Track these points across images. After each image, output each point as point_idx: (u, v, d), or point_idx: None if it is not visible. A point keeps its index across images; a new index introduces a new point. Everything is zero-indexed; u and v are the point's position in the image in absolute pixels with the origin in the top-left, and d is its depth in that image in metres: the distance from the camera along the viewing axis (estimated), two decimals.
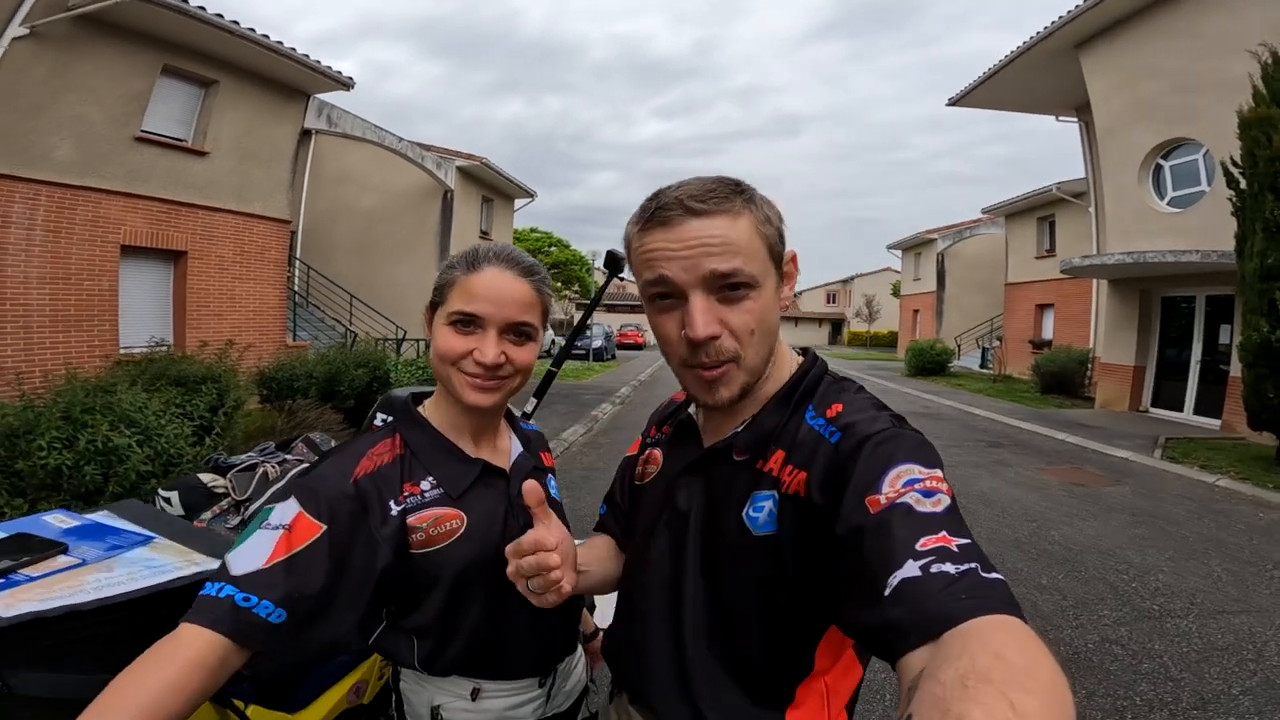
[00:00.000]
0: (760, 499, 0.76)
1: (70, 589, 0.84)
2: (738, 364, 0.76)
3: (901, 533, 0.56)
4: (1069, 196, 15.77)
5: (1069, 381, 14.20)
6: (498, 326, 0.90)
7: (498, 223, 19.56)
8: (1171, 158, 10.84)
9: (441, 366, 0.92)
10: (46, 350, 7.20)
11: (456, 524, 0.91)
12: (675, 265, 0.73)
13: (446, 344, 0.90)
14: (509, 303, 0.91)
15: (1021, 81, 13.39)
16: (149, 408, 4.25)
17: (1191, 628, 3.45)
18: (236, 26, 8.35)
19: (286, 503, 0.79)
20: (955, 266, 25.13)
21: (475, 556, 0.92)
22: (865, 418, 0.73)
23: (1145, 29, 10.58)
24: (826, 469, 0.70)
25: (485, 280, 0.90)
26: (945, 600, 0.49)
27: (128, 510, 1.17)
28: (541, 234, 29.52)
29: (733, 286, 0.74)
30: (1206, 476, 7.12)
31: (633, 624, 0.88)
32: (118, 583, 0.88)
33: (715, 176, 0.78)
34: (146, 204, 8.34)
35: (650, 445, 1.01)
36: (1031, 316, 18.72)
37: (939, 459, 0.67)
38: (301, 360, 8.47)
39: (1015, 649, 0.42)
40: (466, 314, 0.89)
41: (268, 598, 0.71)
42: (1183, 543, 4.90)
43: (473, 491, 0.94)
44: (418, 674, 0.98)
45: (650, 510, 0.92)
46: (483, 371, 0.90)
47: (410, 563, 0.89)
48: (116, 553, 0.97)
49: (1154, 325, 12.01)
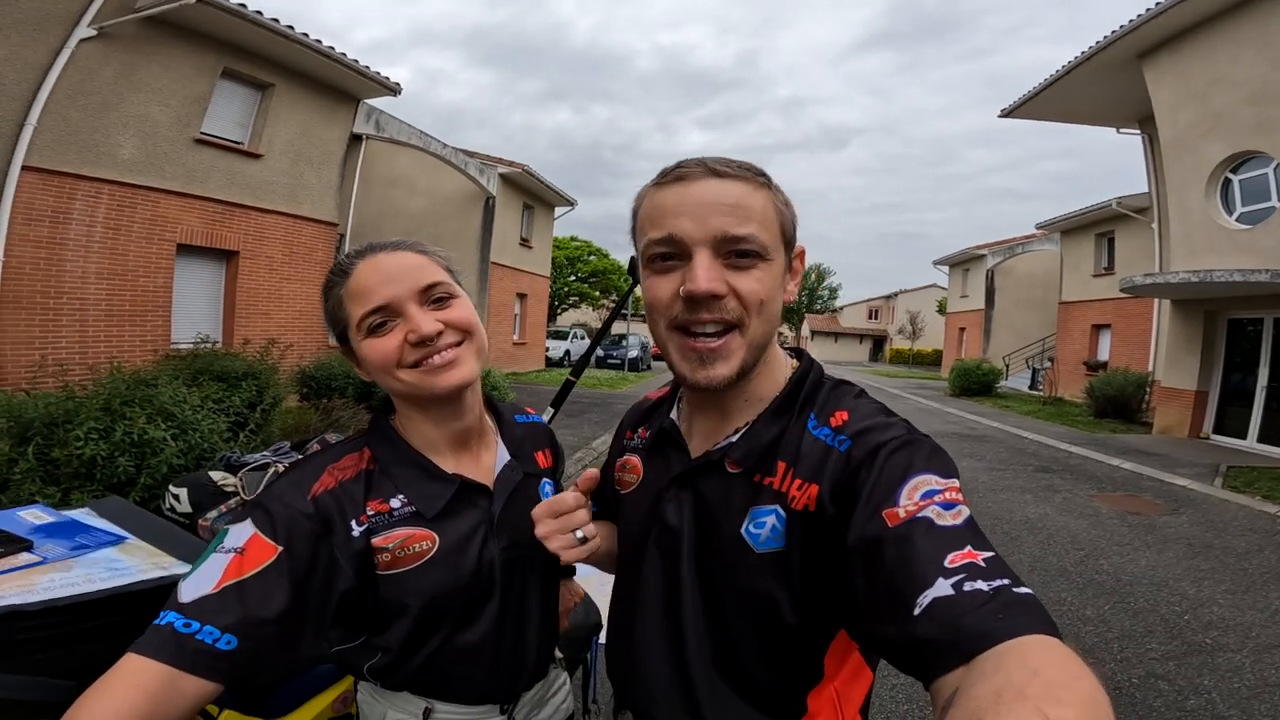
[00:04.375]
0: (761, 514, 0.72)
1: (20, 588, 0.81)
2: (741, 332, 0.71)
3: (927, 548, 0.55)
4: (1130, 212, 15.12)
5: (1125, 405, 13.55)
6: (415, 303, 0.83)
7: (538, 230, 19.77)
8: (1240, 172, 10.28)
9: (389, 381, 0.84)
10: (100, 344, 7.49)
11: (427, 545, 0.84)
12: (685, 220, 0.69)
13: (376, 352, 0.83)
14: (405, 276, 0.83)
15: (1080, 92, 12.92)
16: (187, 401, 4.35)
17: (1245, 662, 3.26)
18: (292, 31, 8.64)
19: (242, 524, 0.75)
20: (1006, 284, 24.37)
21: (445, 582, 0.85)
22: (876, 424, 0.70)
23: (1213, 38, 10.11)
24: (837, 479, 0.67)
25: (369, 272, 0.83)
26: (981, 620, 0.48)
27: (108, 508, 1.14)
28: (581, 242, 29.77)
29: (743, 254, 0.70)
30: (1269, 507, 6.68)
31: (631, 643, 0.84)
32: (71, 584, 0.84)
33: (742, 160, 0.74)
34: (203, 204, 8.66)
35: (628, 450, 0.94)
36: (1087, 337, 17.99)
37: (954, 467, 0.65)
38: (341, 360, 8.66)
39: (1053, 665, 0.41)
40: (375, 308, 0.82)
41: (213, 623, 0.66)
42: (1241, 575, 4.64)
43: (449, 510, 0.87)
44: (373, 686, 0.92)
45: (636, 524, 0.87)
46: (427, 346, 0.82)
47: (376, 585, 0.83)
48: (80, 553, 0.94)
49: (1219, 348, 11.39)
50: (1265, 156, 9.64)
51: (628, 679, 0.86)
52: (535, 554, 0.90)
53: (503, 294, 17.48)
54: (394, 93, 10.81)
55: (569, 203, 20.45)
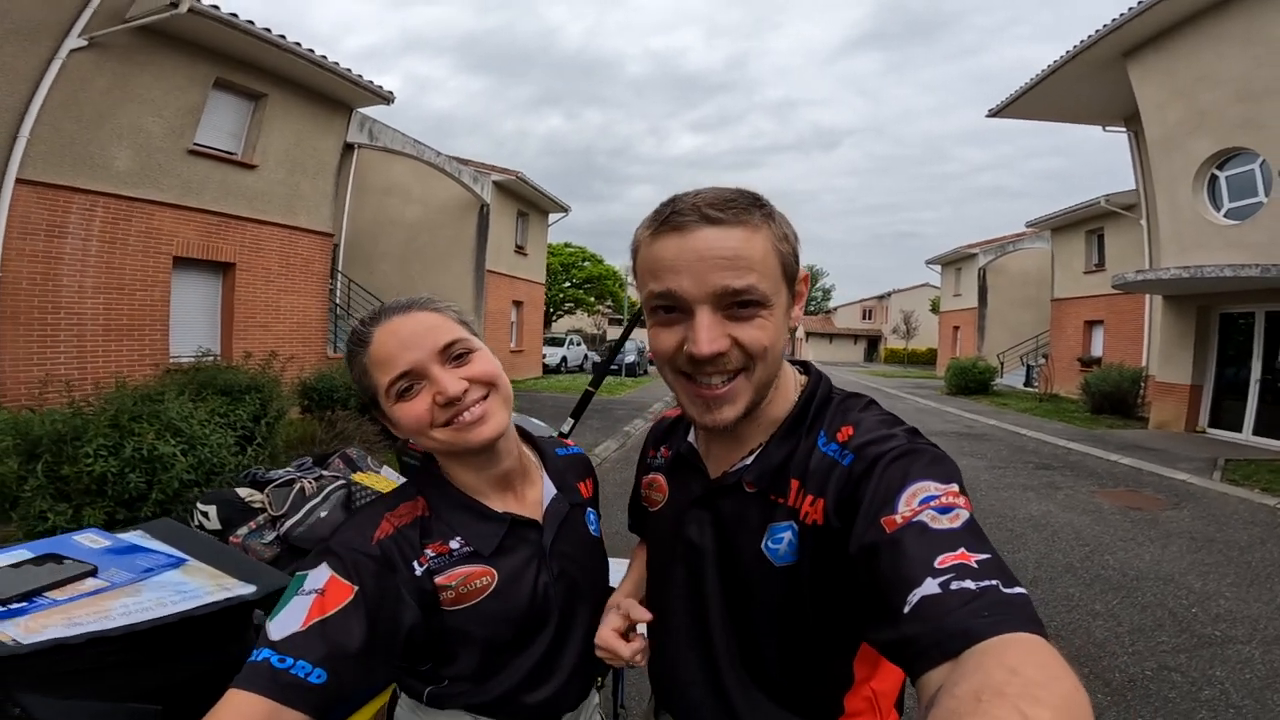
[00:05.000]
0: (778, 530, 0.75)
1: (96, 614, 0.81)
2: (746, 376, 0.73)
3: (918, 550, 0.56)
4: (1119, 209, 15.29)
5: (1122, 401, 13.67)
6: (437, 364, 0.85)
7: (532, 236, 19.76)
8: (1227, 168, 10.38)
9: (426, 441, 0.87)
10: (99, 359, 7.45)
11: (488, 580, 0.89)
12: (684, 278, 0.69)
13: (408, 416, 0.85)
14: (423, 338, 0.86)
15: (1066, 91, 13.02)
16: (194, 417, 4.33)
17: (1255, 654, 3.31)
18: (285, 40, 8.63)
19: (318, 568, 0.79)
20: (998, 282, 24.53)
21: (507, 612, 0.90)
22: (876, 437, 0.72)
23: (1198, 36, 10.20)
24: (840, 492, 0.70)
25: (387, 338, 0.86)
26: (965, 618, 0.48)
27: (161, 530, 1.15)
28: (575, 248, 29.76)
29: (744, 304, 0.70)
30: (1269, 500, 6.76)
31: (666, 654, 0.88)
32: (145, 609, 0.85)
33: (735, 188, 0.73)
34: (198, 216, 8.62)
35: (653, 468, 0.99)
36: (1080, 333, 18.14)
37: (956, 473, 0.66)
38: (342, 371, 8.62)
39: (1032, 664, 0.42)
40: (400, 375, 0.84)
41: (305, 659, 0.70)
42: (1245, 568, 4.69)
43: (504, 547, 0.91)
44: (417, 705, 0.95)
45: (663, 542, 0.92)
46: (455, 405, 0.85)
47: (443, 620, 0.87)
48: (147, 576, 0.95)
49: (1211, 342, 11.50)
50: (1251, 153, 9.74)
51: (667, 686, 0.90)
52: (584, 581, 0.98)
53: (499, 302, 17.46)
54: (387, 101, 10.81)
55: (563, 209, 20.47)
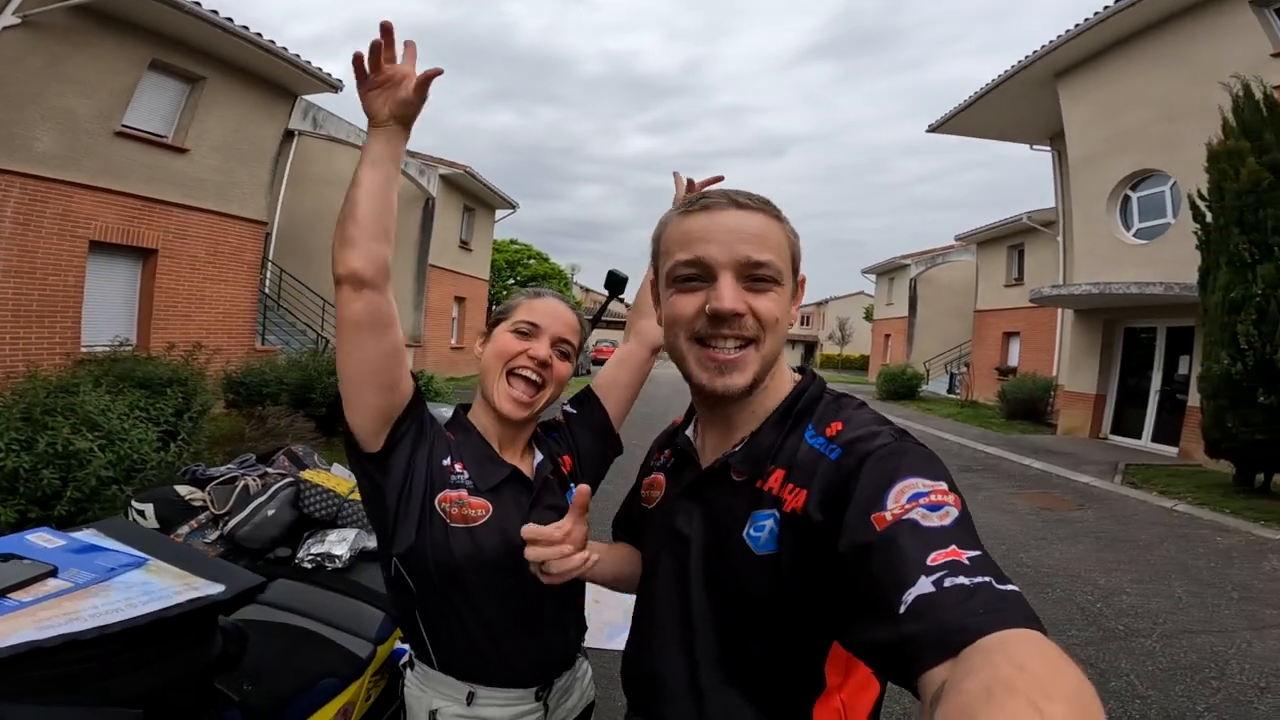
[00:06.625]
0: (760, 518, 0.76)
1: (65, 616, 0.80)
2: (756, 347, 0.78)
3: (911, 549, 0.56)
4: (1039, 225, 16.16)
5: (1034, 408, 14.51)
6: (550, 337, 1.09)
7: (478, 232, 19.44)
8: (1140, 189, 11.06)
9: (492, 370, 1.08)
10: (5, 346, 6.94)
11: (482, 513, 1.02)
12: (713, 246, 0.77)
13: (505, 344, 1.08)
14: (561, 321, 1.11)
15: (1000, 110, 13.63)
16: (113, 410, 4.11)
17: (1156, 647, 3.55)
18: (229, 23, 8.24)
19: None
20: (927, 292, 25.59)
21: (499, 548, 1.01)
22: (866, 433, 0.73)
23: (1126, 58, 10.66)
24: (825, 486, 0.70)
25: (546, 303, 1.13)
26: (963, 615, 0.49)
27: (116, 529, 1.12)
28: (521, 245, 29.45)
29: (760, 278, 0.77)
30: (1166, 501, 7.32)
31: (647, 649, 0.89)
32: (115, 609, 0.84)
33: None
34: (121, 200, 8.14)
35: (654, 470, 1.02)
36: (999, 343, 19.09)
37: (945, 471, 0.67)
38: (272, 365, 8.28)
39: (1039, 659, 0.42)
40: (529, 323, 1.08)
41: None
42: (1146, 566, 5.04)
43: (500, 490, 1.06)
44: (419, 677, 1.06)
45: (654, 536, 0.93)
46: (533, 365, 1.07)
47: (449, 536, 1.00)
48: (111, 576, 0.93)
49: (1116, 355, 12.31)
50: (1163, 174, 10.41)
51: (643, 684, 0.90)
52: None
53: (441, 298, 17.10)
54: (335, 89, 10.45)
55: (510, 205, 20.21)
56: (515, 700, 1.05)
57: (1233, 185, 7.20)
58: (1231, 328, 7.04)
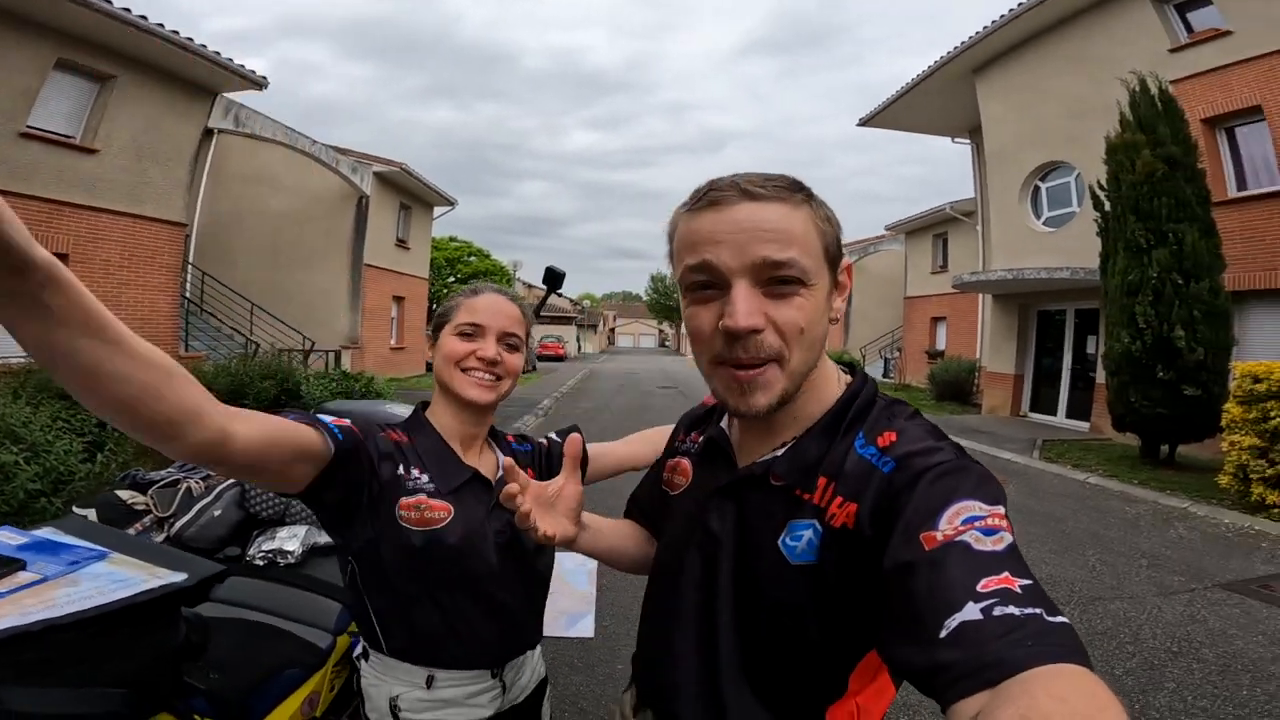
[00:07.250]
0: (799, 527, 0.72)
1: (42, 604, 0.85)
2: (780, 365, 0.70)
3: (960, 572, 0.53)
4: (960, 215, 16.98)
5: (960, 389, 15.26)
6: (495, 334, 1.10)
7: (415, 231, 19.05)
8: (1049, 180, 11.83)
9: (446, 370, 1.10)
10: None
11: (444, 515, 1.04)
12: (722, 250, 0.68)
13: (452, 348, 1.09)
14: (503, 316, 1.11)
15: (925, 104, 14.32)
16: (34, 422, 3.95)
17: (1074, 614, 3.68)
18: (141, 20, 7.87)
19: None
20: (861, 281, 26.44)
21: (460, 548, 1.04)
22: (923, 448, 0.68)
23: (1037, 54, 11.30)
24: (877, 500, 0.66)
25: (485, 300, 1.12)
26: (1008, 646, 0.47)
27: (73, 526, 1.15)
28: (461, 243, 28.94)
29: (783, 280, 0.68)
30: (1078, 475, 7.83)
31: (664, 644, 0.85)
32: (87, 597, 0.89)
33: (776, 173, 0.72)
34: (27, 203, 7.69)
35: (679, 452, 0.96)
36: (927, 328, 19.97)
37: (1002, 494, 0.63)
38: (198, 372, 7.97)
39: (1080, 694, 0.41)
40: (471, 324, 1.10)
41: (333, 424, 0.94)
42: (1062, 536, 5.30)
43: (462, 491, 1.08)
44: (376, 667, 1.08)
45: (679, 528, 0.88)
46: (483, 365, 1.08)
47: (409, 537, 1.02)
48: (76, 568, 0.98)
49: (1031, 337, 13.10)
50: (1068, 166, 11.14)
51: (654, 678, 0.87)
52: (525, 540, 1.09)
53: (379, 297, 16.70)
54: (260, 87, 10.08)
55: (449, 203, 19.85)
56: (473, 679, 1.09)
57: (1129, 176, 7.75)
58: (1130, 309, 7.59)
